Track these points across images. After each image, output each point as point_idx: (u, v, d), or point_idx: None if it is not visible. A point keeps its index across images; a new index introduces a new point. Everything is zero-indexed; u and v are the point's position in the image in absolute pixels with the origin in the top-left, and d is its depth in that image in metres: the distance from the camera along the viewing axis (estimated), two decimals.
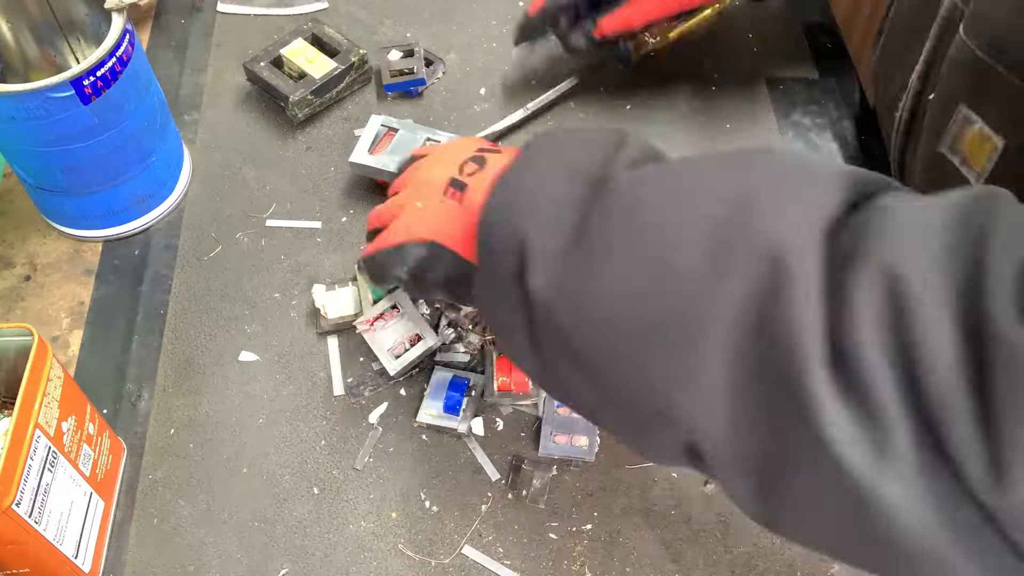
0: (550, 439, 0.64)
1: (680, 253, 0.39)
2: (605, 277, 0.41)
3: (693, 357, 0.38)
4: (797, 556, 0.61)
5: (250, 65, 0.84)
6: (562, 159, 0.47)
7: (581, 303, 0.42)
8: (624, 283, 0.41)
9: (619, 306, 0.41)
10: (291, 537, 0.62)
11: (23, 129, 0.66)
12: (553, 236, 0.43)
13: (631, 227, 0.41)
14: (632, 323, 0.40)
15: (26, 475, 0.51)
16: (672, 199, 0.41)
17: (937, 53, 0.61)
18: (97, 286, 0.74)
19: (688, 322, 0.38)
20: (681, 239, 0.39)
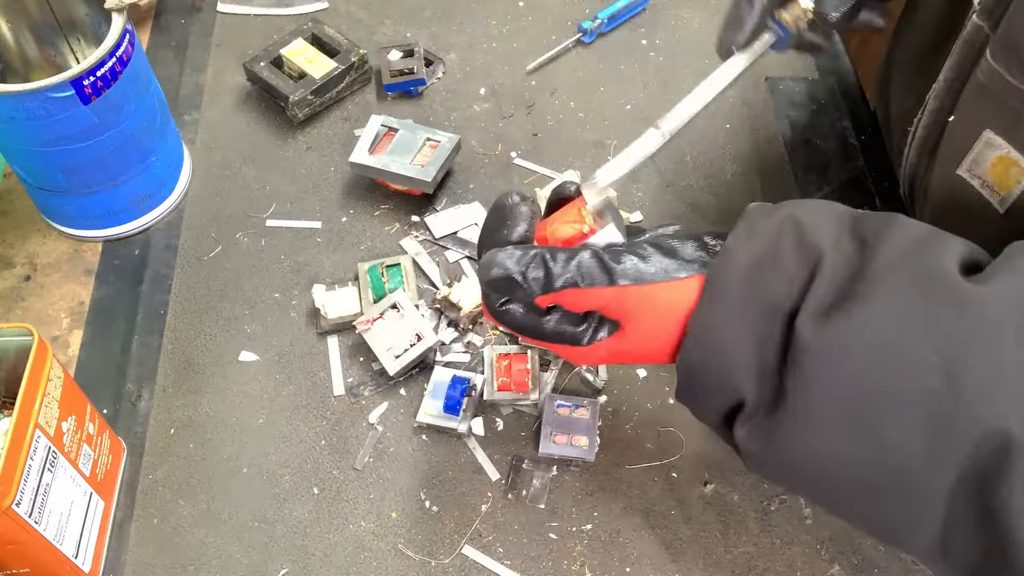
0: (550, 439, 0.64)
1: (892, 428, 0.40)
2: (811, 443, 0.42)
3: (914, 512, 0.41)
4: (797, 556, 0.61)
5: (250, 65, 0.84)
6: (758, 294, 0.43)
7: (787, 461, 0.43)
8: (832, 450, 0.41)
9: (828, 469, 0.42)
10: (291, 537, 0.62)
11: (23, 129, 0.66)
12: (761, 393, 0.43)
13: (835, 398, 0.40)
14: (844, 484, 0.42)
15: (26, 475, 0.51)
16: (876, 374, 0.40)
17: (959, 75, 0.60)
18: (97, 286, 0.74)
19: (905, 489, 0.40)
20: (892, 415, 0.40)
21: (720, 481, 0.64)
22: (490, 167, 0.81)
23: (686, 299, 0.45)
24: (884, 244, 0.42)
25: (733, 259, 0.44)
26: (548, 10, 0.93)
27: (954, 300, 0.40)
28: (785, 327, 0.42)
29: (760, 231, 0.44)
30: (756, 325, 0.42)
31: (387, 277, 0.72)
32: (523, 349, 0.68)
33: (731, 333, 0.43)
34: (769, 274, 0.43)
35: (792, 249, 0.43)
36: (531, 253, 0.46)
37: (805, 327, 0.41)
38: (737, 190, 0.80)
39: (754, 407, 0.43)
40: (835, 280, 0.42)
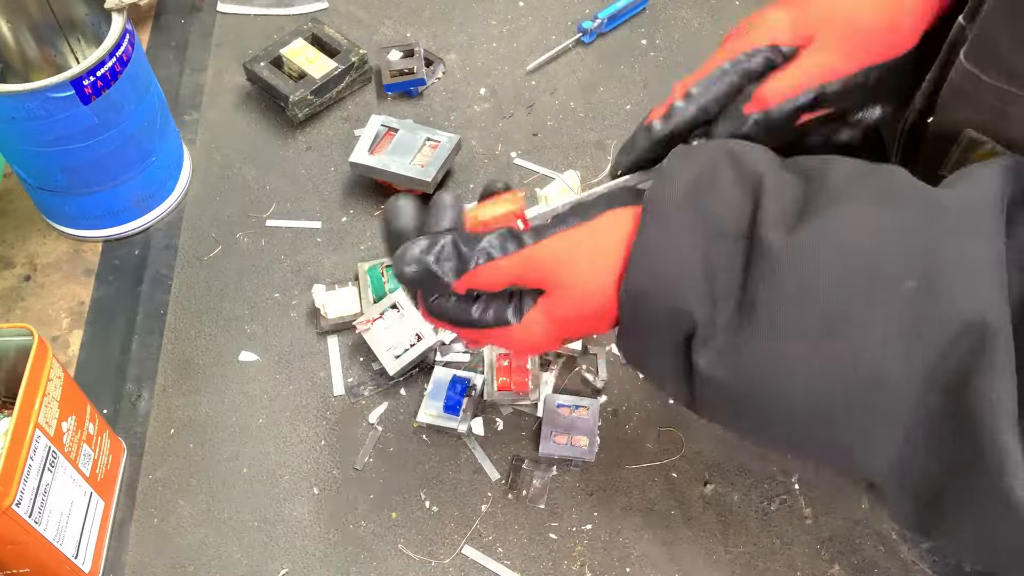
0: (550, 439, 0.64)
1: (867, 332, 0.39)
2: (783, 355, 0.40)
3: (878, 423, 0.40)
4: (797, 556, 0.61)
5: (250, 65, 0.84)
6: (700, 214, 0.42)
7: (755, 383, 0.41)
8: (805, 360, 0.40)
9: (799, 382, 0.41)
10: (291, 537, 0.62)
11: (23, 129, 0.66)
12: (718, 311, 0.41)
13: (809, 305, 0.39)
14: (813, 396, 0.41)
15: (26, 475, 0.51)
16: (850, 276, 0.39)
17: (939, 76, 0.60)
18: (97, 286, 0.74)
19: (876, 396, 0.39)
20: (868, 319, 0.39)
21: (720, 481, 0.64)
22: (490, 167, 0.81)
23: (614, 235, 0.44)
24: (831, 169, 0.42)
25: (671, 181, 0.43)
26: (548, 10, 0.93)
27: (921, 201, 0.40)
28: (743, 245, 0.41)
29: (695, 159, 0.44)
30: (703, 245, 0.41)
31: (387, 277, 0.72)
32: None
33: (676, 252, 0.42)
34: (710, 195, 0.42)
35: (730, 176, 0.43)
36: (440, 241, 0.45)
37: (772, 236, 0.40)
38: None
39: (710, 328, 0.41)
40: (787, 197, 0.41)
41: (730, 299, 0.41)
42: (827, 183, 0.41)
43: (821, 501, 0.63)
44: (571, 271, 0.44)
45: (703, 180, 0.43)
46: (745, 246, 0.41)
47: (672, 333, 0.43)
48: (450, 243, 0.45)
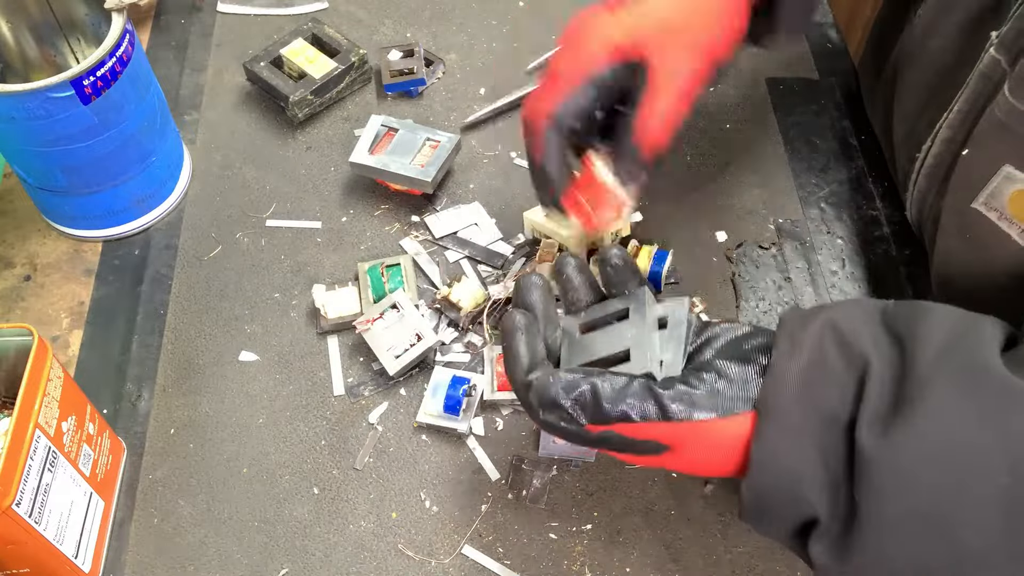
0: (550, 439, 0.64)
1: (971, 535, 0.40)
2: (888, 553, 0.41)
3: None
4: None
5: (250, 65, 0.84)
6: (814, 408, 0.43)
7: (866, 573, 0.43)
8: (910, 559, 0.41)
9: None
10: (291, 537, 0.62)
11: (23, 129, 0.66)
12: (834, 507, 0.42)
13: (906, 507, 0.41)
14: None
15: (26, 475, 0.51)
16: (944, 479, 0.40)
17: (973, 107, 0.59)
18: (97, 286, 0.74)
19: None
20: (966, 517, 0.40)
21: (720, 481, 0.64)
22: (490, 167, 0.81)
23: (741, 430, 0.45)
24: (921, 342, 0.42)
25: (783, 378, 0.44)
26: (548, 10, 0.93)
27: (1007, 394, 0.41)
28: (846, 438, 0.42)
29: (801, 343, 0.44)
30: (818, 439, 0.42)
31: (387, 277, 0.72)
32: None
33: (795, 452, 0.43)
34: (820, 387, 0.43)
35: (837, 357, 0.43)
36: (581, 387, 0.46)
37: (866, 439, 0.41)
38: (737, 190, 0.80)
39: (828, 521, 0.43)
40: (884, 386, 0.42)
41: (841, 492, 0.42)
42: (916, 366, 0.42)
43: None
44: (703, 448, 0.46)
45: (813, 369, 0.43)
46: (846, 438, 0.42)
47: (793, 521, 0.44)
48: (590, 392, 0.46)
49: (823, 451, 0.42)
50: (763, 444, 0.43)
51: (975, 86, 0.58)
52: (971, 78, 0.59)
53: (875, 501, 0.41)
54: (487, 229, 0.76)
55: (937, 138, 0.63)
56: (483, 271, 0.74)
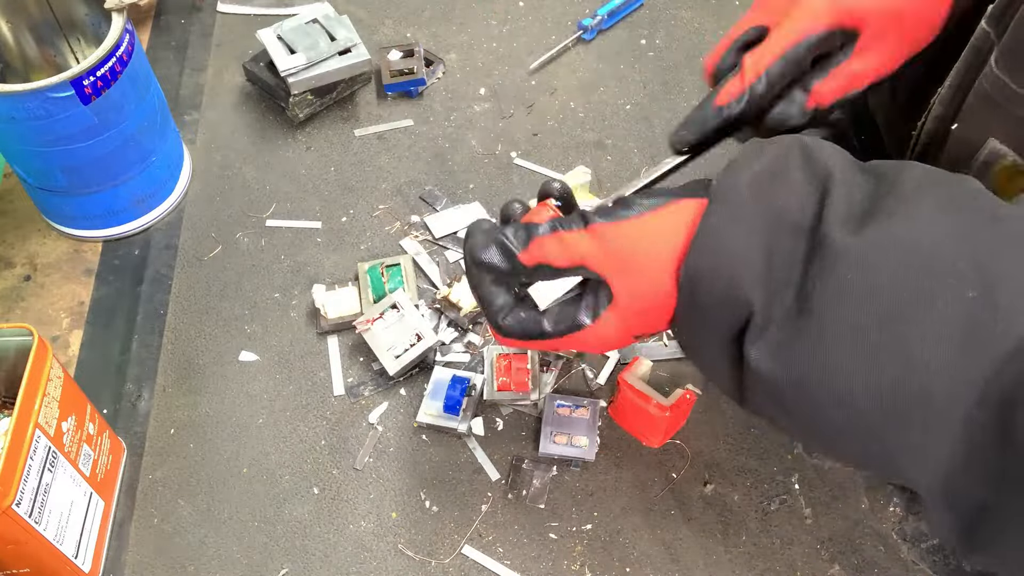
0: (550, 439, 0.64)
1: (924, 342, 0.38)
2: (835, 355, 0.40)
3: (928, 433, 0.39)
4: (797, 556, 0.61)
5: (250, 65, 0.84)
6: (766, 204, 0.42)
7: (806, 381, 0.41)
8: (857, 362, 0.40)
9: (849, 384, 0.40)
10: (291, 537, 0.62)
11: (23, 129, 0.66)
12: (775, 303, 0.41)
13: (868, 307, 0.39)
14: (862, 400, 0.40)
15: (26, 475, 0.51)
16: (911, 283, 0.39)
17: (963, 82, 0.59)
18: (97, 286, 0.74)
19: (929, 403, 0.39)
20: (926, 327, 0.39)
21: (720, 481, 0.64)
22: (490, 167, 0.81)
23: (678, 221, 0.43)
24: (905, 173, 0.42)
25: (739, 172, 0.43)
26: (548, 9, 0.93)
27: (990, 214, 0.40)
28: (807, 238, 0.41)
29: (766, 151, 0.44)
30: (766, 234, 0.41)
31: (387, 277, 0.72)
32: (523, 349, 0.68)
33: (739, 240, 0.41)
34: (778, 186, 0.42)
35: (799, 167, 0.43)
36: (510, 222, 0.47)
37: (836, 233, 0.40)
38: None
39: (765, 319, 0.41)
40: (855, 196, 0.41)
41: (788, 293, 0.41)
42: (898, 185, 0.41)
43: (821, 501, 0.63)
44: (636, 257, 0.45)
45: (773, 171, 0.43)
46: (808, 241, 0.41)
47: (727, 320, 0.42)
48: (520, 223, 0.47)
49: (769, 246, 0.41)
50: (708, 222, 0.42)
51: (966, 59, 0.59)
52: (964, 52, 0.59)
53: (834, 299, 0.39)
54: None
55: (930, 115, 0.63)
56: None
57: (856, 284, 0.39)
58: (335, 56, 0.82)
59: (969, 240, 0.39)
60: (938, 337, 0.38)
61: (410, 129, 0.84)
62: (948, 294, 0.38)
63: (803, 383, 0.41)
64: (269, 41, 0.83)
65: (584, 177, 0.75)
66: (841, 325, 0.39)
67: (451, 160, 0.81)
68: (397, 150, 0.82)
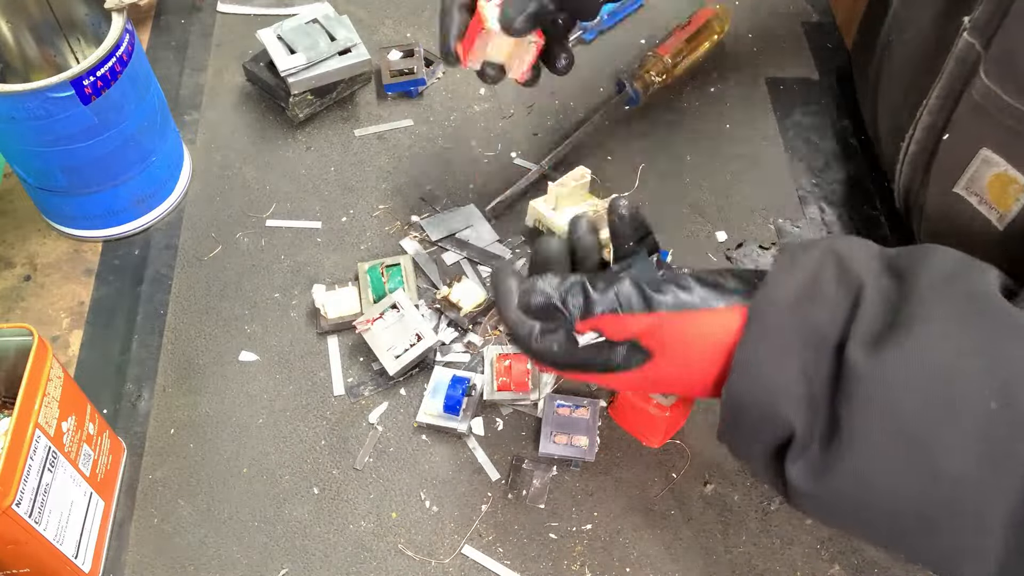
0: (550, 439, 0.64)
1: (951, 459, 0.39)
2: (867, 474, 0.41)
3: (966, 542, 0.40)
4: (797, 556, 0.61)
5: (250, 65, 0.84)
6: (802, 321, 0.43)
7: (842, 494, 0.42)
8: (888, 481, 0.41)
9: (883, 501, 0.42)
10: (291, 537, 0.62)
11: (23, 129, 0.66)
12: (813, 425, 0.42)
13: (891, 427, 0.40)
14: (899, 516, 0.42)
15: (26, 475, 0.51)
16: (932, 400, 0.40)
17: (951, 92, 0.59)
18: (97, 286, 0.74)
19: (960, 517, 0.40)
20: (949, 442, 0.39)
21: (720, 481, 0.64)
22: (490, 167, 0.81)
23: (727, 330, 0.45)
24: (922, 272, 0.42)
25: (777, 289, 0.44)
26: None
27: (1004, 323, 0.40)
28: (834, 357, 0.42)
29: (801, 263, 0.44)
30: (802, 354, 0.42)
31: (387, 277, 0.72)
32: None
33: (778, 363, 0.43)
34: (812, 304, 0.43)
35: (833, 279, 0.43)
36: (570, 280, 0.47)
37: (856, 356, 0.41)
38: (737, 190, 0.80)
39: (805, 439, 0.42)
40: (879, 308, 0.42)
41: (821, 413, 0.42)
42: (915, 292, 0.42)
43: None
44: (689, 346, 0.46)
45: (807, 287, 0.43)
46: (833, 361, 0.42)
47: (770, 437, 0.44)
48: (579, 287, 0.47)
49: (805, 366, 0.42)
50: (746, 347, 0.43)
51: (952, 71, 0.59)
52: (948, 63, 0.59)
53: (859, 419, 0.40)
54: (485, 231, 0.76)
55: (919, 125, 0.64)
56: (482, 271, 0.74)
57: (877, 405, 0.40)
58: (335, 56, 0.82)
59: (987, 351, 0.40)
60: (964, 452, 0.39)
61: (410, 129, 0.84)
62: (969, 408, 0.39)
63: (841, 499, 0.43)
64: (269, 41, 0.83)
65: (584, 178, 0.75)
66: (869, 445, 0.41)
67: (451, 160, 0.81)
68: (397, 150, 0.82)
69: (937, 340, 0.40)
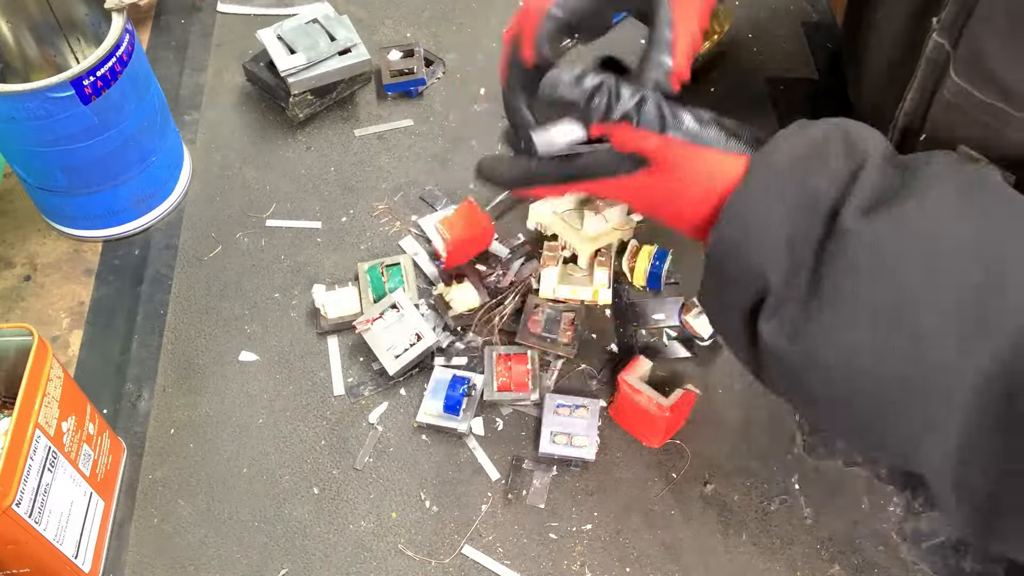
0: (550, 439, 0.64)
1: (930, 320, 0.39)
2: (845, 334, 0.41)
3: (935, 413, 0.40)
4: (797, 556, 0.61)
5: (250, 65, 0.84)
6: (799, 183, 0.43)
7: (815, 354, 0.42)
8: (866, 342, 0.41)
9: (858, 363, 0.41)
10: (291, 537, 0.62)
11: (23, 129, 0.66)
12: (791, 281, 0.42)
13: (876, 287, 0.40)
14: (871, 379, 0.41)
15: (26, 475, 0.51)
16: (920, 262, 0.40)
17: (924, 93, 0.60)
18: (97, 286, 0.74)
19: (934, 385, 0.40)
20: (932, 307, 0.39)
21: (720, 481, 0.64)
22: None
23: (728, 172, 0.45)
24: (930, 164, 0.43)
25: (781, 147, 0.45)
26: None
27: (1002, 199, 0.41)
28: (826, 222, 0.42)
29: (810, 131, 0.45)
30: (794, 212, 0.42)
31: (387, 277, 0.72)
32: (523, 349, 0.68)
33: (767, 217, 0.43)
34: (813, 166, 0.43)
35: (838, 148, 0.44)
36: (599, 79, 0.47)
37: (850, 217, 0.41)
38: None
39: (780, 296, 0.42)
40: (879, 182, 0.42)
41: (803, 274, 0.42)
42: (919, 174, 0.42)
43: (821, 501, 0.63)
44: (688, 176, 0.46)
45: (813, 151, 0.44)
46: (825, 225, 0.42)
47: (747, 294, 0.44)
48: (606, 88, 0.47)
49: (795, 224, 0.42)
50: (741, 194, 0.44)
51: (924, 71, 0.60)
52: (920, 64, 0.60)
53: (843, 277, 0.41)
54: None
55: (897, 126, 0.64)
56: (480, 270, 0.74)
57: (864, 265, 0.40)
58: (335, 56, 0.82)
59: (980, 223, 0.40)
60: (944, 317, 0.39)
61: (410, 129, 0.84)
62: (954, 276, 0.39)
63: (814, 361, 0.42)
64: (269, 41, 0.83)
65: None
66: (850, 305, 0.41)
67: (451, 160, 0.81)
68: (397, 150, 0.82)
69: (932, 209, 0.41)
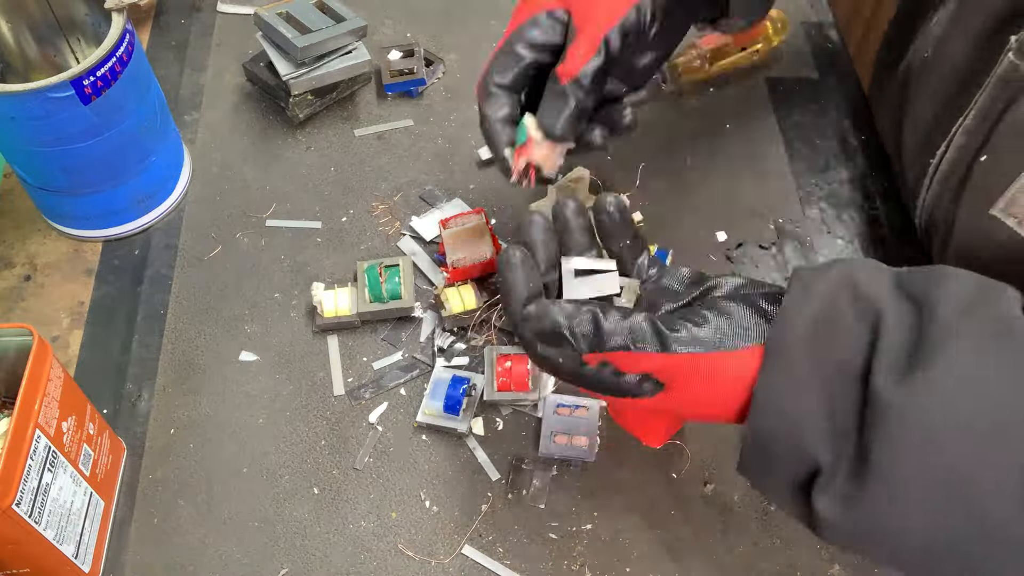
0: (550, 439, 0.64)
1: (995, 502, 0.39)
2: (900, 512, 0.40)
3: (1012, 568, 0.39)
4: (797, 556, 0.61)
5: (250, 65, 0.84)
6: (822, 357, 0.42)
7: (873, 530, 0.41)
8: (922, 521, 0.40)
9: (918, 536, 0.41)
10: (291, 537, 0.62)
11: (23, 129, 0.66)
12: (840, 453, 0.41)
13: (924, 463, 0.39)
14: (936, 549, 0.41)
15: (26, 475, 0.51)
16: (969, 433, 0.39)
17: (991, 113, 0.58)
18: (97, 286, 0.74)
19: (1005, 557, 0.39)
20: (993, 487, 0.39)
21: (720, 481, 0.64)
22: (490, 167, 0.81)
23: (744, 368, 0.44)
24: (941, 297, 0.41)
25: (792, 322, 0.43)
26: None
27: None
28: (858, 387, 0.41)
29: (815, 292, 0.43)
30: (825, 387, 0.42)
31: (384, 277, 0.72)
32: None
33: (800, 397, 0.42)
34: (830, 334, 0.42)
35: (850, 308, 0.42)
36: (583, 310, 0.46)
37: (883, 385, 0.40)
38: (737, 190, 0.80)
39: (832, 472, 0.42)
40: (901, 337, 0.41)
41: (849, 444, 0.41)
42: (936, 318, 0.41)
43: None
44: (705, 385, 0.45)
45: (823, 319, 0.42)
46: (860, 390, 0.41)
47: (794, 472, 0.43)
48: (591, 317, 0.46)
49: (829, 399, 0.41)
50: (766, 384, 0.43)
51: (993, 91, 0.58)
52: (988, 83, 0.58)
53: (890, 448, 0.39)
54: None
55: (952, 144, 0.62)
56: None
57: (909, 434, 0.39)
58: (336, 57, 0.82)
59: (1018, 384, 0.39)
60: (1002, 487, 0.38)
61: (410, 129, 0.84)
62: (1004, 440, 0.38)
63: (871, 532, 0.42)
64: (268, 47, 0.83)
65: (583, 179, 0.75)
66: (902, 475, 0.40)
67: (451, 160, 0.81)
68: (397, 150, 0.82)
69: (964, 372, 0.39)
